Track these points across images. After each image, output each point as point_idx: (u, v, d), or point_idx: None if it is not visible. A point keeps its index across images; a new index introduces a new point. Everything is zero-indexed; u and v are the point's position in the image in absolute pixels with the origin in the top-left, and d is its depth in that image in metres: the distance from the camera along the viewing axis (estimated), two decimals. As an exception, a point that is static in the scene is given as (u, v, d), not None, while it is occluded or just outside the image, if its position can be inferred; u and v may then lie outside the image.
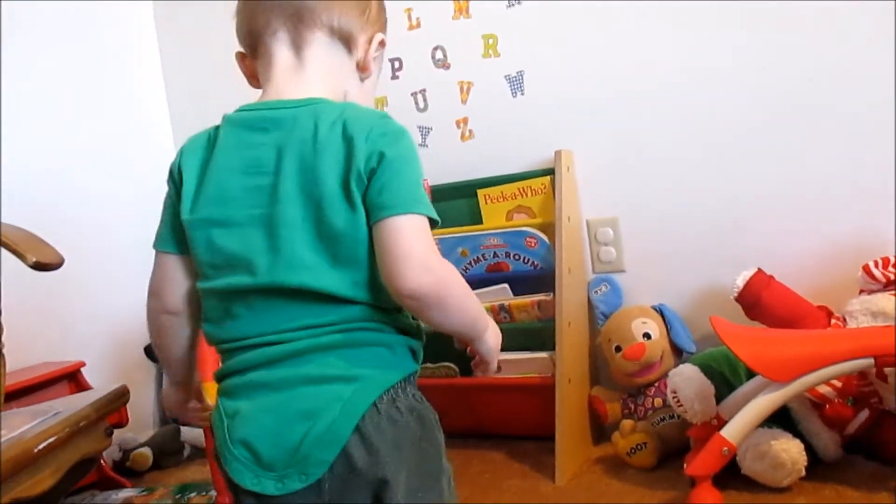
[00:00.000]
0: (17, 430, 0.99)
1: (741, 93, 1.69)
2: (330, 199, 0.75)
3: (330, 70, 0.84)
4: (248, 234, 0.77)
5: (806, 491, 1.37)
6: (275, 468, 0.74)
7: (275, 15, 0.82)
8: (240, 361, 0.78)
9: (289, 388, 0.76)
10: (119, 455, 2.00)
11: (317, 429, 0.73)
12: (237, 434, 0.76)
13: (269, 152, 0.77)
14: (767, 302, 1.54)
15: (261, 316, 0.77)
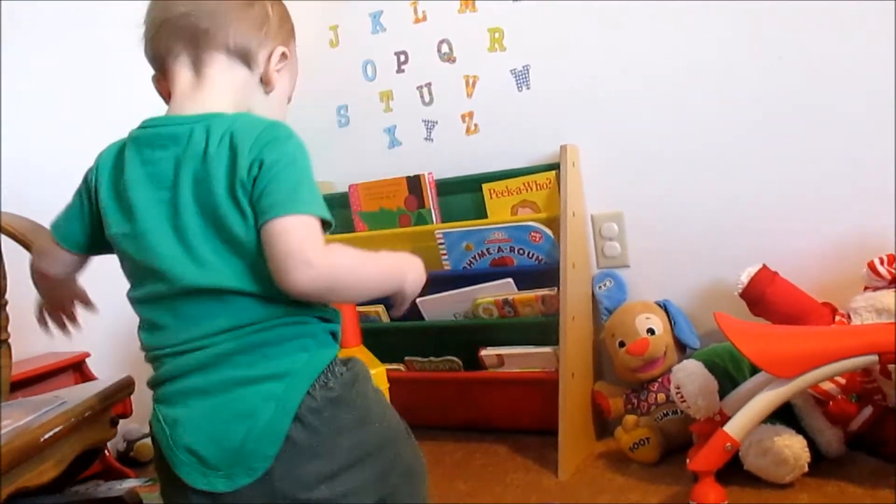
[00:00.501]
0: (23, 419, 1.00)
1: (747, 89, 1.69)
2: (223, 209, 0.79)
3: (231, 87, 0.88)
4: (161, 245, 0.81)
5: (809, 487, 1.37)
6: (220, 468, 0.79)
7: (174, 39, 0.87)
8: (172, 368, 0.82)
9: (223, 392, 0.79)
10: (123, 446, 2.01)
11: (257, 428, 0.78)
12: (180, 441, 0.80)
13: (168, 167, 0.82)
14: (772, 298, 1.54)
15: (186, 322, 0.81)
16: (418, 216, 1.94)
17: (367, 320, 1.89)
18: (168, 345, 0.82)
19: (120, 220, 0.85)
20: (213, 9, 0.86)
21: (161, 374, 0.83)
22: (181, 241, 0.81)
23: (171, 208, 0.81)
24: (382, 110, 2.11)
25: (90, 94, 2.17)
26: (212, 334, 0.80)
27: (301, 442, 0.79)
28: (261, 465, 0.78)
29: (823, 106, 1.62)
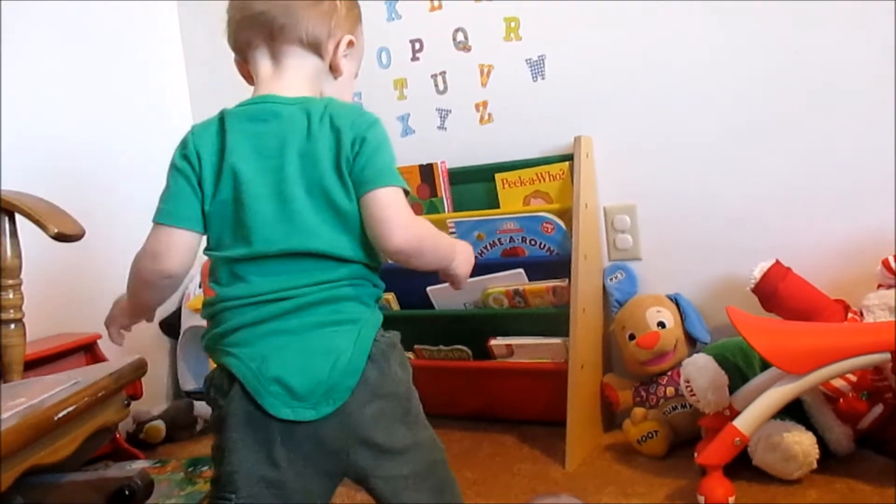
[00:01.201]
0: (38, 397, 1.00)
1: (763, 84, 1.68)
2: (327, 179, 0.90)
3: (305, 75, 0.99)
4: (263, 209, 0.91)
5: (817, 484, 1.37)
6: (307, 398, 0.88)
7: (253, 34, 0.98)
8: (252, 317, 0.90)
9: (307, 332, 0.90)
10: (133, 427, 2.02)
11: (340, 362, 0.88)
12: (270, 373, 0.88)
13: (272, 140, 0.92)
14: (784, 294, 1.54)
15: (271, 277, 0.90)
16: (430, 205, 1.94)
17: (378, 308, 1.90)
18: (247, 295, 0.90)
19: (224, 187, 0.93)
20: (287, 6, 0.96)
21: (235, 322, 0.91)
22: (284, 207, 0.90)
23: (276, 176, 0.91)
24: (396, 98, 2.10)
25: (111, 71, 2.18)
26: (295, 287, 0.90)
27: (371, 380, 0.90)
28: (341, 396, 0.88)
29: (839, 101, 1.61)
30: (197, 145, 0.95)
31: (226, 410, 0.90)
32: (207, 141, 0.95)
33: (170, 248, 0.95)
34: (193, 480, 1.72)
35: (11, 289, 1.29)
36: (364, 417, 0.90)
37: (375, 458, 0.91)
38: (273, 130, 0.92)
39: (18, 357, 1.29)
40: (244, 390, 0.88)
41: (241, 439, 0.89)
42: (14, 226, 1.30)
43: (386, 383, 0.92)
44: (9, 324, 1.28)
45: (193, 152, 0.94)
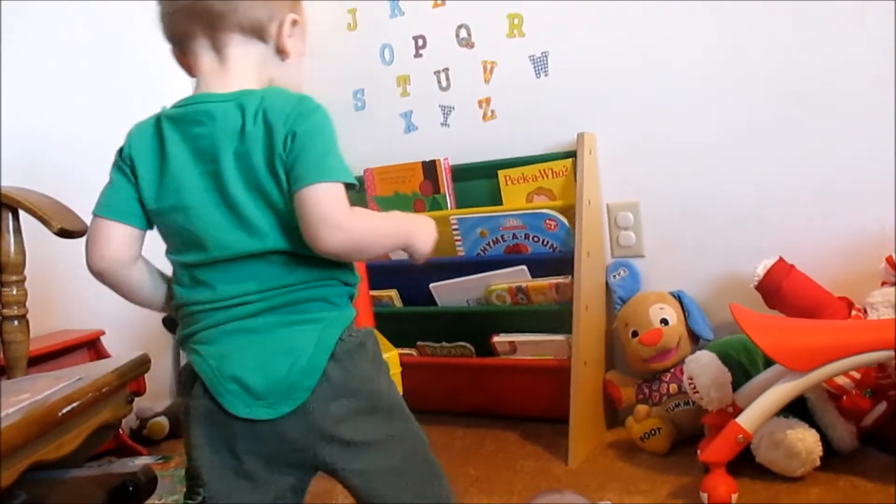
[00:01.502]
0: (42, 393, 1.00)
1: (766, 81, 1.67)
2: (264, 182, 0.86)
3: (251, 63, 0.93)
4: (210, 215, 0.88)
5: (820, 481, 1.37)
6: (265, 398, 0.86)
7: (191, 25, 0.91)
8: (216, 319, 0.89)
9: (268, 331, 0.88)
10: (136, 423, 2.03)
11: (300, 362, 0.86)
12: (228, 372, 0.86)
13: (208, 142, 0.88)
14: (788, 291, 1.54)
15: (231, 282, 0.88)
16: (433, 201, 1.94)
17: (381, 305, 1.90)
18: (212, 300, 0.89)
19: (165, 193, 0.90)
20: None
21: (202, 324, 0.89)
22: (230, 211, 0.87)
23: (217, 181, 0.87)
24: (399, 95, 2.10)
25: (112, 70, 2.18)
26: (256, 291, 0.88)
27: (334, 379, 0.88)
28: (301, 395, 0.86)
29: (842, 99, 1.61)
30: (131, 148, 0.92)
31: (190, 407, 0.89)
32: (143, 144, 0.92)
33: (103, 240, 0.92)
34: (196, 476, 1.72)
35: (15, 285, 1.29)
36: (328, 415, 0.87)
37: (344, 453, 0.89)
38: (207, 133, 0.88)
39: (22, 353, 1.29)
40: (205, 387, 0.87)
41: (204, 434, 0.89)
42: (17, 222, 1.30)
43: (351, 381, 0.89)
44: (12, 320, 1.28)
45: (128, 155, 0.92)
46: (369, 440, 0.90)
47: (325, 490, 1.58)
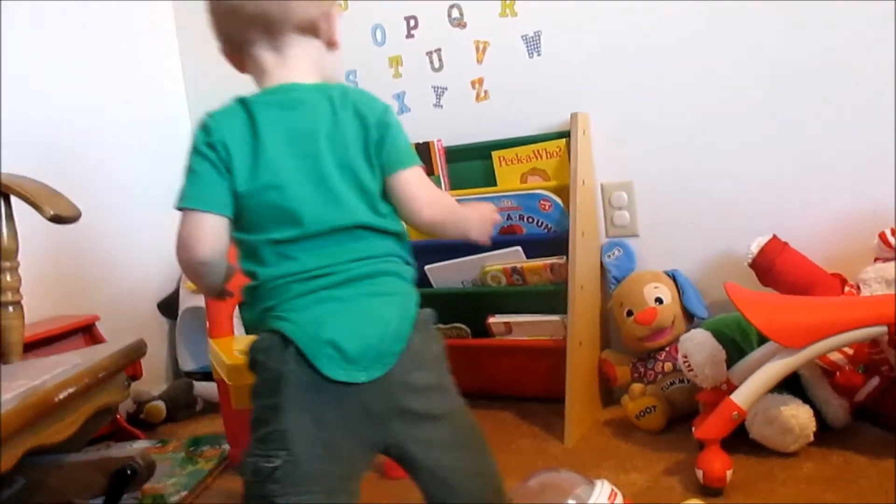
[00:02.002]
0: (38, 379, 1.01)
1: (760, 58, 1.67)
2: (356, 163, 0.95)
3: (309, 57, 1.01)
4: (303, 191, 0.94)
5: (813, 456, 1.38)
6: (358, 361, 0.91)
7: (249, 30, 0.98)
8: (301, 289, 0.93)
9: (356, 301, 0.93)
10: (133, 408, 2.03)
11: (388, 329, 0.92)
12: (324, 337, 0.91)
13: (304, 125, 0.95)
14: (781, 268, 1.54)
15: (318, 254, 0.94)
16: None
17: (376, 287, 1.90)
18: (298, 272, 0.94)
19: (260, 173, 0.94)
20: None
21: (286, 296, 0.94)
22: (322, 188, 0.94)
23: (310, 161, 0.95)
24: (391, 76, 2.09)
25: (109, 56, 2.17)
26: (340, 262, 0.94)
27: (415, 349, 0.94)
28: (389, 360, 0.92)
29: (837, 77, 1.61)
30: (222, 134, 0.96)
31: (278, 372, 0.91)
32: (234, 128, 0.96)
33: (201, 235, 0.95)
34: (195, 459, 1.73)
35: (9, 271, 1.29)
36: (407, 385, 0.93)
37: (414, 424, 0.94)
38: (302, 117, 0.96)
39: (18, 339, 1.29)
40: (299, 353, 0.90)
41: (294, 400, 0.91)
42: (10, 208, 1.30)
43: (427, 353, 0.96)
44: (7, 306, 1.28)
45: (220, 141, 0.95)
46: (437, 413, 0.96)
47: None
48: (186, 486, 1.58)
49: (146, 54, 2.33)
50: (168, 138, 2.38)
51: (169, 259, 2.34)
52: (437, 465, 0.96)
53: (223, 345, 1.54)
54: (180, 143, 2.49)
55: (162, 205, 2.43)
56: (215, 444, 1.80)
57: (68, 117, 2.05)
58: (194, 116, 2.44)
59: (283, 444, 0.90)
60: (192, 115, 2.44)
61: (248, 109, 0.97)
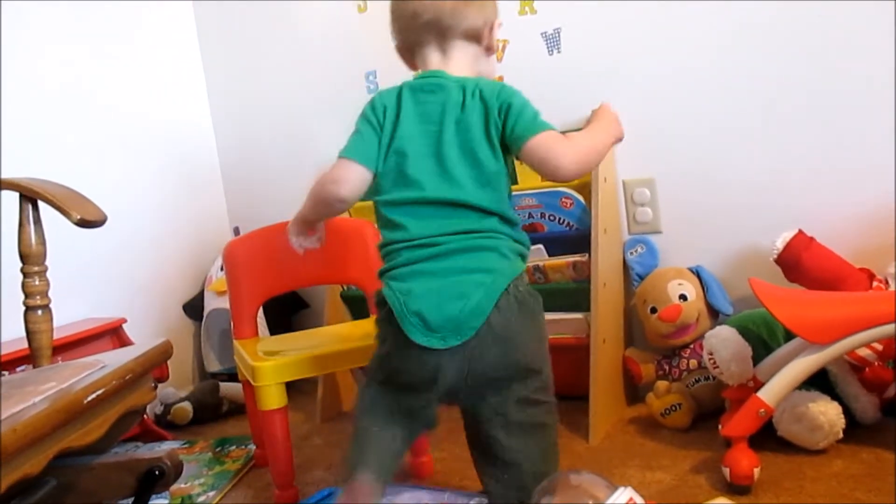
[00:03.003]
0: (67, 381, 1.02)
1: (783, 52, 1.65)
2: (478, 143, 1.11)
3: (467, 61, 1.20)
4: (423, 164, 1.12)
5: (843, 454, 1.36)
6: (439, 331, 1.07)
7: (425, 34, 1.18)
8: (408, 257, 1.11)
9: (445, 277, 1.08)
10: (160, 409, 2.05)
11: (469, 305, 1.06)
12: (412, 307, 1.08)
13: (435, 108, 1.14)
14: (808, 264, 1.52)
15: (425, 222, 1.10)
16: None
17: (398, 286, 1.90)
18: (406, 239, 1.11)
19: (395, 140, 1.14)
20: (453, 8, 1.16)
21: (397, 261, 1.12)
22: (439, 164, 1.11)
23: (435, 139, 1.12)
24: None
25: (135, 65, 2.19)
26: (444, 234, 1.09)
27: (495, 325, 1.07)
28: (466, 333, 1.07)
29: (861, 70, 1.58)
30: (384, 103, 1.16)
31: (382, 323, 1.14)
32: (389, 103, 1.16)
33: (349, 177, 1.16)
34: (221, 460, 1.74)
35: (37, 275, 1.31)
36: (482, 358, 1.08)
37: (481, 388, 1.10)
38: (436, 100, 1.14)
39: (46, 342, 1.31)
40: (393, 315, 1.09)
41: (391, 345, 1.12)
42: (38, 213, 1.32)
43: (507, 331, 1.08)
44: (36, 310, 1.30)
45: (381, 108, 1.16)
46: (503, 387, 1.10)
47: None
48: (214, 486, 1.59)
49: (169, 60, 2.35)
50: (192, 143, 2.40)
51: (193, 261, 2.38)
52: (488, 432, 1.12)
53: (248, 346, 1.55)
54: (204, 148, 2.53)
55: (187, 209, 2.46)
56: (242, 445, 1.82)
57: (94, 122, 2.08)
58: (217, 122, 2.46)
59: (389, 363, 1.13)
60: (214, 120, 2.46)
61: (400, 90, 1.17)
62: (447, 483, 1.47)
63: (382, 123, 1.15)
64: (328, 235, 1.60)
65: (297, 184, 2.32)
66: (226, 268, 1.64)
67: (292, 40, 2.27)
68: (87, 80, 2.07)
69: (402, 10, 1.20)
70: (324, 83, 2.24)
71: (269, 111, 2.36)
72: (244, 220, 2.40)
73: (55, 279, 1.35)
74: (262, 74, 2.35)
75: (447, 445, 1.66)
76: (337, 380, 1.99)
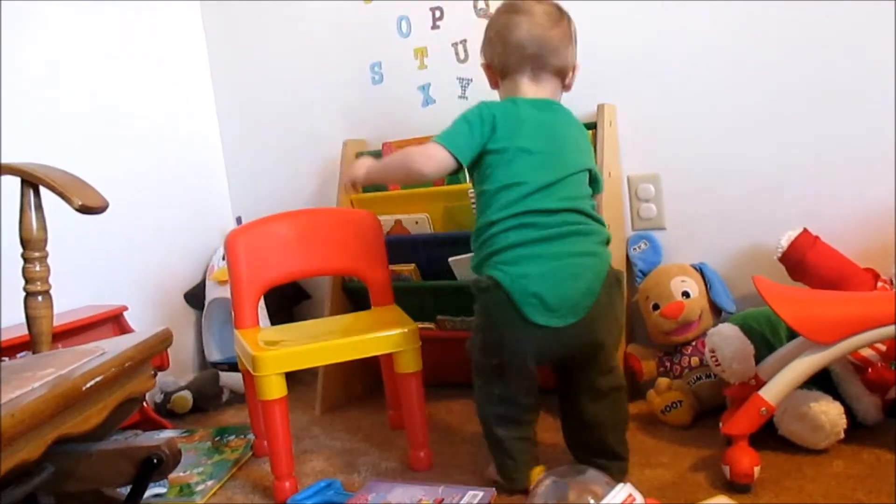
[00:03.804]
0: (66, 368, 1.02)
1: (789, 50, 1.64)
2: (586, 163, 1.35)
3: (552, 90, 1.38)
4: (540, 160, 1.29)
5: (844, 454, 1.36)
6: (555, 311, 1.22)
7: (525, 61, 1.35)
8: (515, 238, 1.25)
9: (559, 259, 1.23)
10: (160, 398, 2.05)
11: (582, 286, 1.24)
12: (530, 289, 1.22)
13: (550, 120, 1.34)
14: (812, 263, 1.52)
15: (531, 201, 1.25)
16: (451, 175, 1.92)
17: (400, 279, 1.90)
18: (513, 214, 1.25)
19: (518, 138, 1.30)
20: (555, 49, 1.35)
21: (506, 245, 1.25)
22: (553, 161, 1.29)
23: (552, 143, 1.31)
24: (417, 67, 2.08)
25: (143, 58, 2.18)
26: (551, 210, 1.25)
27: (602, 303, 1.26)
28: (581, 312, 1.24)
29: (868, 68, 1.57)
30: (494, 111, 1.33)
31: (492, 306, 1.26)
32: (505, 110, 1.33)
33: (438, 158, 1.32)
34: (221, 449, 1.74)
35: (38, 261, 1.30)
36: (593, 331, 1.25)
37: (586, 359, 1.28)
38: (550, 115, 1.34)
39: (47, 328, 1.30)
40: (510, 297, 1.22)
41: (504, 324, 1.25)
42: (39, 198, 1.31)
43: (610, 307, 1.27)
44: (36, 296, 1.30)
45: (490, 115, 1.32)
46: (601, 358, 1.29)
47: (347, 463, 1.60)
48: (212, 475, 1.59)
49: (173, 49, 2.34)
50: (196, 132, 2.40)
51: (195, 250, 2.38)
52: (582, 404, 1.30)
53: (248, 335, 1.55)
54: (208, 137, 2.52)
55: (186, 199, 2.46)
56: (241, 434, 1.81)
57: (98, 110, 2.07)
58: (220, 111, 2.45)
59: (498, 351, 1.27)
60: (218, 109, 2.45)
61: (515, 102, 1.34)
62: (446, 477, 1.47)
63: (494, 124, 1.31)
64: (330, 227, 1.63)
65: (300, 174, 2.32)
66: (227, 257, 1.63)
67: (298, 30, 2.26)
68: (90, 68, 2.06)
69: (508, 37, 1.35)
70: (329, 73, 2.23)
71: (274, 100, 2.35)
72: (247, 210, 2.39)
73: (57, 266, 1.35)
74: (267, 64, 2.34)
75: (447, 439, 1.66)
76: (337, 371, 1.99)
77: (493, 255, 1.26)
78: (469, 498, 1.28)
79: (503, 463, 1.34)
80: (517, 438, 1.34)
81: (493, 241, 1.26)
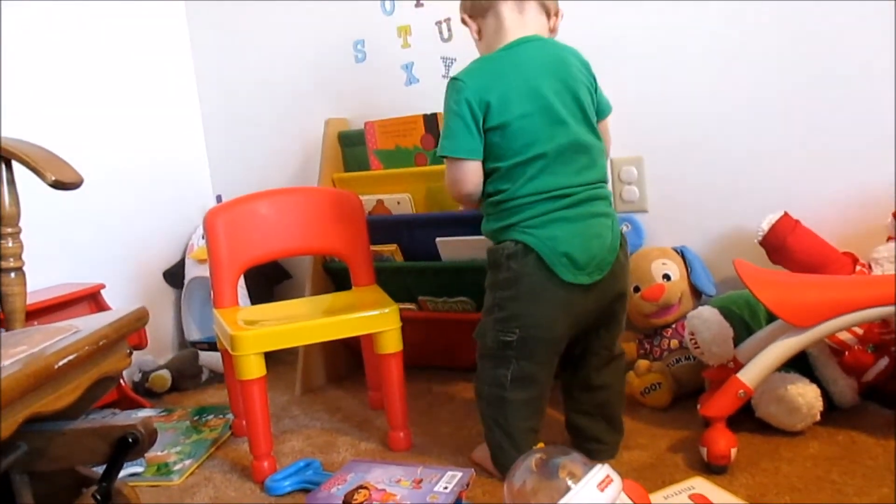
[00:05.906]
0: (39, 345, 1.00)
1: (772, 34, 1.63)
2: (586, 103, 1.30)
3: (537, 29, 1.33)
4: (542, 120, 1.26)
5: (820, 436, 1.37)
6: (584, 268, 1.25)
7: None
8: (541, 209, 1.25)
9: (583, 220, 1.26)
10: (138, 376, 2.04)
11: (605, 244, 1.27)
12: (560, 249, 1.24)
13: (535, 69, 1.28)
14: (792, 246, 1.52)
15: (553, 177, 1.25)
16: (434, 155, 1.91)
17: (382, 259, 1.89)
18: (538, 191, 1.25)
19: (512, 111, 1.26)
20: None
21: (530, 213, 1.25)
22: (555, 119, 1.27)
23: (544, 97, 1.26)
24: (400, 46, 2.06)
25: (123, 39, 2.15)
26: (569, 186, 1.26)
27: (621, 260, 1.30)
28: (606, 268, 1.27)
29: (850, 52, 1.57)
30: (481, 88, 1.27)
31: (519, 272, 1.25)
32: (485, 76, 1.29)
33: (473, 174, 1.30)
34: (199, 429, 1.73)
35: (10, 237, 1.28)
36: (612, 288, 1.29)
37: (608, 317, 1.33)
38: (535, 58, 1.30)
39: (20, 305, 1.28)
40: (539, 260, 1.24)
41: (529, 293, 1.25)
42: (11, 173, 1.28)
43: (624, 265, 1.33)
44: (9, 272, 1.27)
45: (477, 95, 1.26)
46: (618, 313, 1.34)
47: (327, 443, 1.60)
48: (191, 454, 1.59)
49: (153, 25, 2.30)
50: (177, 109, 2.37)
51: (175, 228, 2.35)
52: (591, 370, 1.35)
53: (228, 315, 1.54)
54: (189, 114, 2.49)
55: (167, 175, 2.43)
56: (220, 414, 1.81)
57: (75, 86, 2.04)
58: (201, 89, 2.42)
59: (518, 321, 1.26)
60: (199, 86, 2.42)
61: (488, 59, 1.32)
62: (425, 458, 1.47)
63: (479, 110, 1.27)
64: (311, 206, 1.59)
65: (281, 151, 2.29)
66: (206, 235, 1.61)
67: (280, 8, 2.22)
68: (68, 43, 2.03)
69: None
70: (311, 51, 2.20)
71: (255, 78, 2.32)
72: (227, 188, 2.36)
73: (34, 243, 1.32)
74: (249, 41, 2.30)
75: (426, 420, 1.66)
76: (318, 351, 1.98)
77: (520, 223, 1.26)
78: (448, 479, 1.27)
79: (505, 452, 1.29)
80: (529, 430, 1.31)
81: (518, 211, 1.26)
